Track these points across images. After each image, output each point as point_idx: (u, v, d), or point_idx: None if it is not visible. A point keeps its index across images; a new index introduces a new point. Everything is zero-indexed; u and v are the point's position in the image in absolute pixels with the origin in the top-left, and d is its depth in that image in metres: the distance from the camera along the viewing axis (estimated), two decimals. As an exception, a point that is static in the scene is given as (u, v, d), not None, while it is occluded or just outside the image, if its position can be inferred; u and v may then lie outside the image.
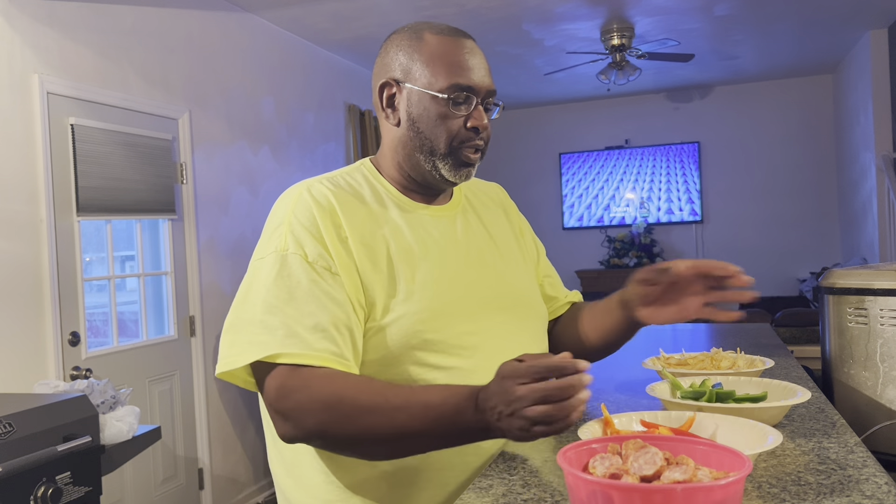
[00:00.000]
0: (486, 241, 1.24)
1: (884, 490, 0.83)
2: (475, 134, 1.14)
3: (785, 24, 5.06)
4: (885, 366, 1.35)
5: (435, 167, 1.14)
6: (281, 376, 0.99)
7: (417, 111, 1.13)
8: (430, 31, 1.15)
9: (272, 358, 0.98)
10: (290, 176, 4.59)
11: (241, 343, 1.02)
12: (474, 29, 4.74)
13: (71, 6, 3.04)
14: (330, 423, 0.96)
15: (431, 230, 1.16)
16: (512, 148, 7.79)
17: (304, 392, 0.97)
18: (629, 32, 4.95)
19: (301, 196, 1.11)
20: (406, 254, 1.11)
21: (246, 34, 4.21)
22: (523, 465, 0.99)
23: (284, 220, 1.08)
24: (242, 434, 4.00)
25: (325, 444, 1.02)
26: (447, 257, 1.15)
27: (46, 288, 2.83)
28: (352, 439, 0.98)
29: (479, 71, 1.15)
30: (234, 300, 1.10)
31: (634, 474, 0.71)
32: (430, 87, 1.12)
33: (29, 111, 2.81)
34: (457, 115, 1.12)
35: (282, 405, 0.98)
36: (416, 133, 1.14)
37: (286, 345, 0.98)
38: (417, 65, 1.13)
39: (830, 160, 6.84)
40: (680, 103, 7.29)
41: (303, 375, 0.98)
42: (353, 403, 0.95)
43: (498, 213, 1.33)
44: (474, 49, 1.17)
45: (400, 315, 1.06)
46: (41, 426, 1.93)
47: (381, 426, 0.95)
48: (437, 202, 1.22)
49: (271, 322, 1.00)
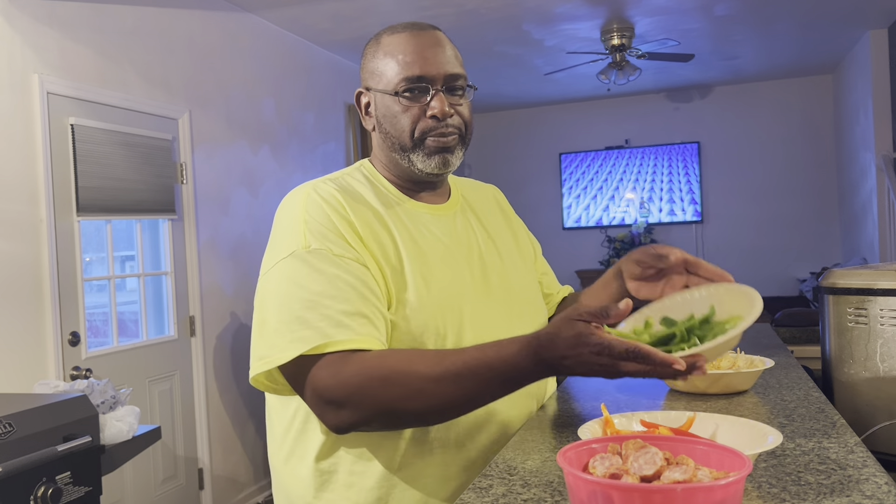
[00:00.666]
0: (486, 240, 1.26)
1: (884, 490, 0.83)
2: (437, 122, 1.13)
3: (785, 25, 5.06)
4: (885, 366, 1.35)
5: (410, 161, 1.15)
6: (332, 365, 0.98)
7: (382, 112, 1.16)
8: (387, 33, 1.18)
9: (319, 349, 0.98)
10: (290, 176, 4.59)
11: (281, 343, 1.01)
12: (474, 29, 4.75)
13: (71, 6, 3.04)
14: (396, 398, 0.97)
15: (433, 228, 1.18)
16: (512, 148, 7.79)
17: (363, 374, 0.97)
18: (629, 32, 4.95)
19: (310, 196, 1.11)
20: (413, 250, 1.12)
21: (246, 34, 4.21)
22: (523, 465, 1.00)
23: (299, 219, 1.08)
24: (242, 434, 4.00)
25: (389, 421, 1.02)
26: (451, 254, 1.17)
27: (46, 288, 2.83)
28: (420, 410, 0.99)
29: (435, 59, 1.13)
30: (259, 304, 1.08)
31: (634, 474, 0.71)
32: (387, 86, 1.14)
33: (29, 111, 2.81)
34: (413, 107, 1.13)
35: (338, 392, 0.98)
36: (385, 134, 1.17)
37: (331, 334, 0.99)
38: (378, 67, 1.16)
39: (830, 160, 6.84)
40: (680, 103, 7.29)
41: (355, 360, 0.98)
42: (418, 375, 0.97)
43: (495, 212, 1.35)
44: (433, 39, 1.16)
45: (411, 309, 1.08)
46: (41, 426, 1.93)
47: (447, 394, 0.97)
48: (435, 201, 1.23)
49: (310, 317, 1.00)
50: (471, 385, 0.96)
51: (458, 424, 1.12)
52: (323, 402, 0.99)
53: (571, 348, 0.87)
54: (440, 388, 0.96)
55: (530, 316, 1.27)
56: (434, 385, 0.96)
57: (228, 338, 3.92)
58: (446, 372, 0.96)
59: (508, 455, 1.04)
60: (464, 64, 1.19)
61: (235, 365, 3.96)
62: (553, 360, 0.89)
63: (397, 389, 0.97)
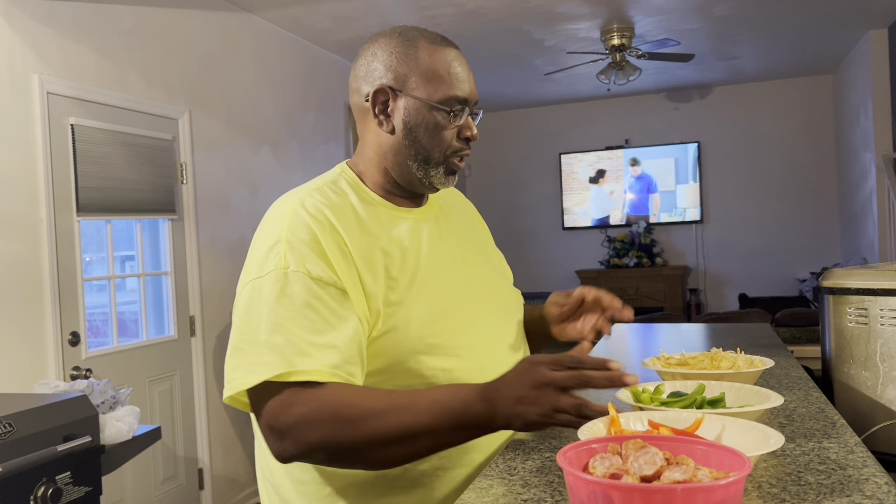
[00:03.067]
0: (464, 243, 1.27)
1: (884, 490, 0.83)
2: (466, 144, 1.17)
3: (785, 24, 5.07)
4: (885, 366, 1.35)
5: (427, 174, 1.15)
6: (286, 394, 0.98)
7: (416, 121, 1.13)
8: (424, 40, 1.15)
9: (281, 377, 0.97)
10: (290, 176, 4.59)
11: (246, 365, 1.00)
12: (474, 29, 4.75)
13: (71, 6, 3.04)
14: (334, 431, 0.96)
15: (420, 235, 1.17)
16: (512, 148, 7.79)
17: (308, 405, 0.96)
18: (629, 32, 4.95)
19: (296, 212, 1.08)
20: (402, 261, 1.12)
21: (246, 34, 4.21)
22: (523, 465, 0.99)
23: (282, 237, 1.06)
24: (242, 434, 4.00)
25: (328, 455, 1.00)
26: (438, 260, 1.17)
27: (46, 288, 2.83)
28: (358, 445, 0.97)
29: (470, 82, 1.16)
30: (233, 321, 1.08)
31: (634, 474, 0.71)
32: (430, 97, 1.12)
33: (29, 111, 2.81)
34: (452, 126, 1.14)
35: (280, 422, 0.97)
36: (412, 142, 1.14)
37: (294, 363, 0.97)
38: (415, 75, 1.12)
39: (830, 160, 6.84)
40: (680, 103, 7.29)
41: (307, 391, 0.97)
42: (360, 408, 0.96)
43: (461, 217, 1.35)
44: (462, 59, 1.18)
45: (402, 322, 1.08)
46: (41, 426, 1.93)
47: (389, 428, 0.96)
48: (416, 204, 1.22)
49: (276, 341, 0.99)
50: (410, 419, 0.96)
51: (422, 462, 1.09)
52: (268, 430, 0.99)
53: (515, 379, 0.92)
54: (380, 422, 0.95)
55: (512, 316, 1.29)
56: (374, 419, 0.95)
57: (228, 338, 3.91)
58: (391, 405, 0.97)
59: (508, 455, 1.04)
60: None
61: (235, 365, 3.95)
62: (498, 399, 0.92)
63: (338, 422, 0.96)
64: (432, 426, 0.95)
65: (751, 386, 1.14)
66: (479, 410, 0.93)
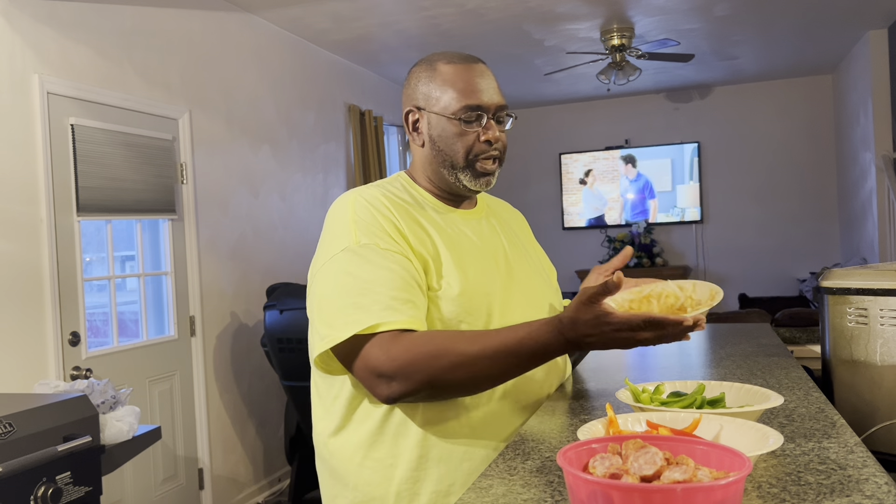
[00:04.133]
0: (509, 244, 1.41)
1: (884, 490, 0.83)
2: (489, 146, 1.30)
3: (785, 24, 5.07)
4: (885, 366, 1.35)
5: (457, 178, 1.31)
6: (383, 343, 1.13)
7: (437, 132, 1.30)
8: (442, 61, 1.32)
9: (372, 329, 1.13)
10: (290, 176, 4.59)
11: (339, 325, 1.15)
12: (474, 29, 4.75)
13: (71, 6, 3.04)
14: (440, 371, 1.12)
15: (465, 229, 1.33)
16: (512, 148, 7.74)
17: (412, 351, 1.12)
18: (629, 32, 4.96)
19: (357, 200, 1.26)
20: (449, 245, 1.27)
21: (246, 34, 4.21)
22: (523, 465, 1.00)
23: (349, 219, 1.23)
24: (242, 434, 4.00)
25: (434, 392, 1.16)
26: (481, 251, 1.32)
27: (46, 288, 2.83)
28: (461, 382, 1.14)
29: (488, 90, 1.30)
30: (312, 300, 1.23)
31: (634, 474, 0.71)
32: (446, 110, 1.29)
33: (29, 111, 2.81)
34: (470, 132, 1.28)
35: (388, 367, 1.12)
36: (437, 151, 1.31)
37: (383, 316, 1.13)
38: (434, 92, 1.30)
39: (830, 160, 6.84)
40: (680, 103, 7.29)
41: (404, 339, 1.13)
42: (459, 352, 1.12)
43: (517, 228, 1.51)
44: (483, 71, 1.32)
45: (448, 295, 1.22)
46: (41, 426, 1.93)
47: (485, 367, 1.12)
48: (467, 207, 1.39)
49: (363, 302, 1.15)
50: (504, 360, 1.12)
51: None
52: (374, 376, 1.14)
53: (593, 328, 1.04)
54: (478, 362, 1.12)
55: (545, 307, 1.40)
56: (473, 360, 1.12)
57: (228, 338, 3.92)
58: (484, 348, 1.11)
59: (509, 455, 1.04)
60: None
61: (235, 365, 3.96)
62: (577, 339, 1.06)
63: (441, 364, 1.11)
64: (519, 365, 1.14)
65: (751, 386, 1.14)
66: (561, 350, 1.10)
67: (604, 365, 1.68)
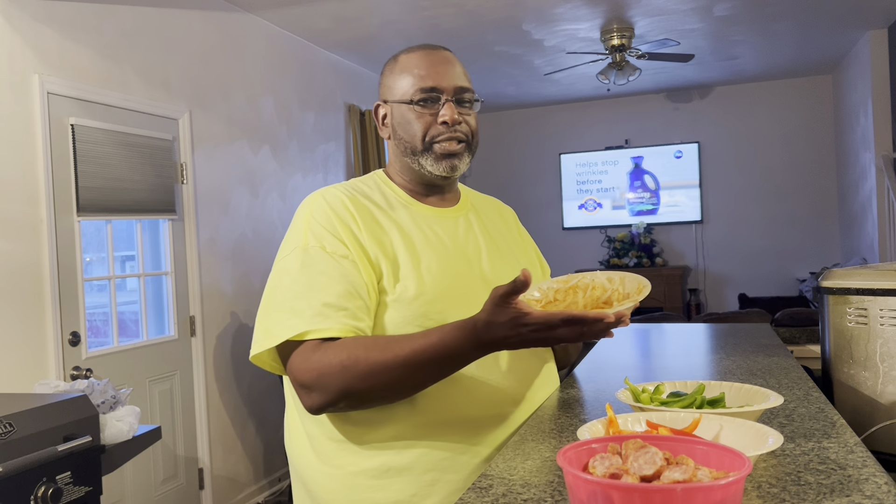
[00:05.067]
0: (486, 242, 1.35)
1: (884, 490, 0.83)
2: (447, 128, 1.26)
3: (785, 24, 5.07)
4: (885, 366, 1.35)
5: (421, 165, 1.28)
6: (306, 351, 1.12)
7: (397, 120, 1.30)
8: (404, 53, 1.32)
9: (300, 336, 1.12)
10: (290, 176, 4.59)
11: (273, 328, 1.15)
12: (474, 29, 4.75)
13: (71, 6, 3.04)
14: (352, 382, 1.09)
15: (435, 227, 1.29)
16: (512, 148, 7.79)
17: (325, 360, 1.10)
18: (629, 32, 4.95)
19: (317, 201, 1.25)
20: (409, 246, 1.23)
21: (246, 34, 4.21)
22: (523, 465, 1.00)
23: (304, 220, 1.23)
24: (242, 434, 4.00)
25: (352, 402, 1.14)
26: (448, 251, 1.27)
27: (47, 288, 2.83)
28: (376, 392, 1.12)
29: (446, 74, 1.28)
30: (263, 295, 1.23)
31: (634, 474, 0.71)
32: (403, 96, 1.28)
33: (29, 111, 2.81)
34: (426, 114, 1.27)
35: (306, 376, 1.11)
36: (399, 140, 1.30)
37: (313, 323, 1.12)
38: (394, 82, 1.30)
39: (830, 160, 6.84)
40: (680, 103, 7.29)
41: (322, 348, 1.11)
42: (370, 361, 1.09)
43: (501, 225, 1.46)
44: (444, 57, 1.31)
45: (405, 298, 1.19)
46: (41, 426, 1.93)
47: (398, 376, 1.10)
48: (442, 204, 1.35)
49: (299, 306, 1.14)
50: (417, 367, 1.09)
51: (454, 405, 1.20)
52: (297, 385, 1.13)
53: (510, 329, 1.01)
54: (391, 371, 1.09)
55: None
56: (385, 369, 1.09)
57: (228, 338, 3.92)
58: (396, 356, 1.09)
59: (508, 455, 1.04)
60: (470, 78, 1.34)
61: (235, 365, 3.96)
62: (493, 341, 1.03)
63: (354, 374, 1.09)
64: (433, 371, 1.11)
65: (750, 386, 1.14)
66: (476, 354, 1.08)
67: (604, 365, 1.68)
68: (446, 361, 1.09)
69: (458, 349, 1.07)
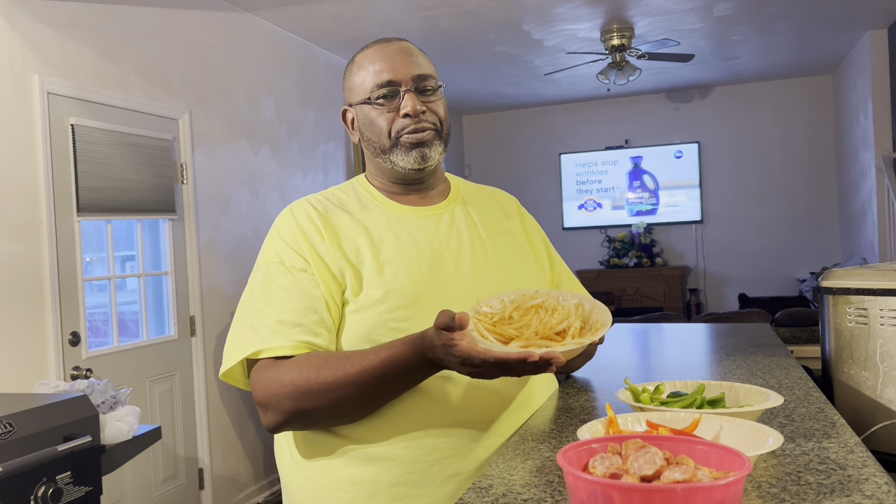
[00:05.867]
0: (472, 238, 1.28)
1: (884, 490, 0.83)
2: (410, 119, 1.21)
3: (785, 24, 5.07)
4: (885, 366, 1.35)
5: (391, 162, 1.24)
6: (261, 369, 1.12)
7: (362, 121, 1.26)
8: (359, 52, 1.28)
9: (256, 354, 1.12)
10: (290, 176, 4.59)
11: (235, 347, 1.15)
12: (474, 29, 4.75)
13: (71, 6, 3.04)
14: (303, 401, 1.08)
15: (411, 229, 1.25)
16: (512, 148, 7.79)
17: (277, 380, 1.09)
18: (629, 32, 4.95)
19: (285, 216, 1.25)
20: (376, 252, 1.20)
21: (246, 34, 4.21)
22: (523, 465, 1.00)
23: (271, 236, 1.24)
24: (242, 434, 4.00)
25: (307, 421, 1.13)
26: (420, 252, 1.22)
27: (47, 288, 2.83)
28: (325, 411, 1.10)
29: (401, 64, 1.22)
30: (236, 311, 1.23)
31: (634, 474, 0.71)
32: (363, 97, 1.24)
33: (29, 111, 2.81)
34: (387, 109, 1.22)
35: (260, 395, 1.11)
36: (367, 141, 1.27)
37: (268, 340, 1.11)
38: (353, 83, 1.27)
39: (830, 160, 6.84)
40: (680, 103, 7.29)
41: (276, 367, 1.10)
42: (320, 380, 1.07)
43: (497, 217, 1.37)
44: (399, 48, 1.25)
45: (368, 304, 1.16)
46: (41, 426, 1.93)
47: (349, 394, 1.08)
48: (425, 202, 1.30)
49: (257, 323, 1.14)
50: (367, 384, 1.07)
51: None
52: (256, 403, 1.13)
53: (444, 354, 0.98)
54: (341, 389, 1.07)
55: None
56: (335, 387, 1.07)
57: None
58: (346, 374, 1.07)
59: (508, 455, 1.04)
60: (432, 64, 1.28)
61: (235, 365, 3.95)
62: (436, 360, 1.01)
63: (304, 393, 1.08)
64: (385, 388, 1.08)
65: (750, 386, 1.14)
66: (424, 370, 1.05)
67: (604, 365, 1.68)
68: (396, 377, 1.06)
69: (408, 363, 1.04)
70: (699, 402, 1.08)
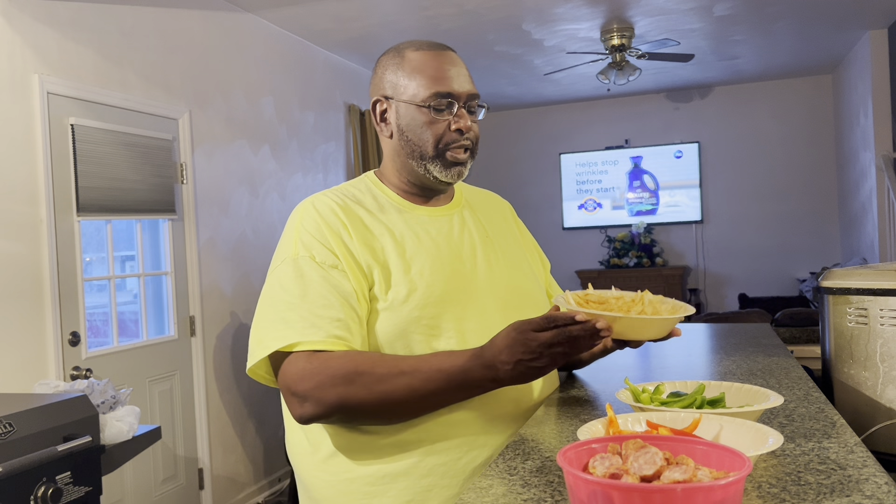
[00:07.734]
0: (482, 239, 1.33)
1: (884, 490, 0.83)
2: (460, 135, 1.25)
3: (785, 24, 5.07)
4: (885, 366, 1.35)
5: (427, 170, 1.26)
6: (300, 361, 1.11)
7: (405, 122, 1.25)
8: (410, 49, 1.27)
9: (291, 347, 1.11)
10: (290, 176, 4.59)
11: (265, 339, 1.14)
12: (474, 29, 4.75)
13: (71, 6, 3.04)
14: (350, 394, 1.09)
15: (429, 228, 1.28)
16: (512, 148, 7.79)
17: (324, 372, 1.09)
18: (629, 32, 4.95)
19: (307, 209, 1.24)
20: (401, 251, 1.22)
21: (246, 34, 4.21)
22: (523, 465, 1.00)
23: (294, 230, 1.22)
24: (242, 434, 4.00)
25: (345, 415, 1.13)
26: (440, 251, 1.26)
27: (47, 288, 2.83)
28: (371, 405, 1.11)
29: (459, 78, 1.25)
30: (257, 307, 1.22)
31: (634, 474, 0.71)
32: (414, 98, 1.24)
33: (29, 111, 2.81)
34: (440, 120, 1.24)
35: (301, 387, 1.10)
36: (406, 142, 1.26)
37: (305, 334, 1.11)
38: (402, 80, 1.25)
39: (830, 160, 6.84)
40: (680, 103, 7.29)
41: (320, 358, 1.11)
42: (371, 374, 1.09)
43: (498, 220, 1.43)
44: (453, 59, 1.28)
45: (397, 302, 1.18)
46: (41, 426, 1.93)
47: (397, 391, 1.09)
48: (436, 203, 1.33)
49: (290, 317, 1.13)
50: (422, 387, 1.09)
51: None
52: (289, 394, 1.12)
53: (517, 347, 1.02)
54: (395, 388, 1.09)
55: (523, 309, 1.30)
56: (389, 386, 1.09)
57: (228, 338, 3.92)
58: (401, 374, 1.09)
59: (508, 455, 1.04)
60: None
61: (235, 365, 3.96)
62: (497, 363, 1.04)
63: (354, 387, 1.09)
64: (437, 390, 1.10)
65: (751, 386, 1.14)
66: (480, 376, 1.07)
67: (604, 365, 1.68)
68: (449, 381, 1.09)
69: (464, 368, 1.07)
70: (699, 402, 1.08)
